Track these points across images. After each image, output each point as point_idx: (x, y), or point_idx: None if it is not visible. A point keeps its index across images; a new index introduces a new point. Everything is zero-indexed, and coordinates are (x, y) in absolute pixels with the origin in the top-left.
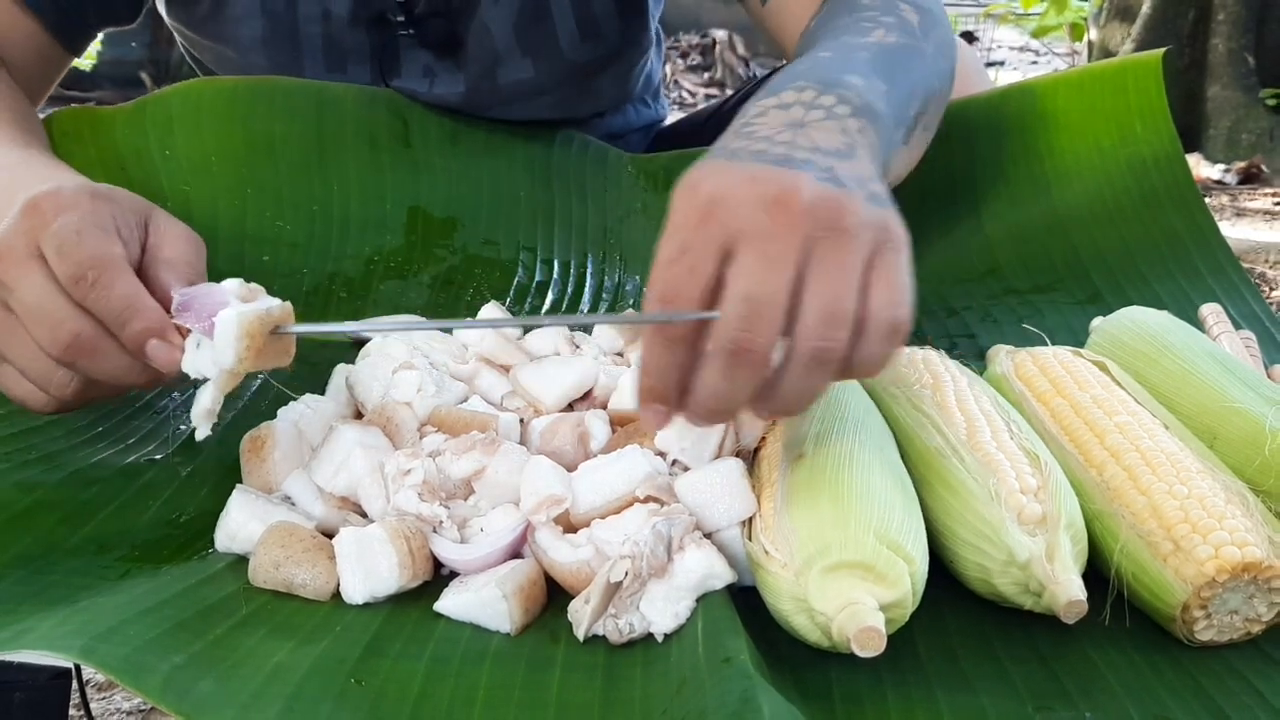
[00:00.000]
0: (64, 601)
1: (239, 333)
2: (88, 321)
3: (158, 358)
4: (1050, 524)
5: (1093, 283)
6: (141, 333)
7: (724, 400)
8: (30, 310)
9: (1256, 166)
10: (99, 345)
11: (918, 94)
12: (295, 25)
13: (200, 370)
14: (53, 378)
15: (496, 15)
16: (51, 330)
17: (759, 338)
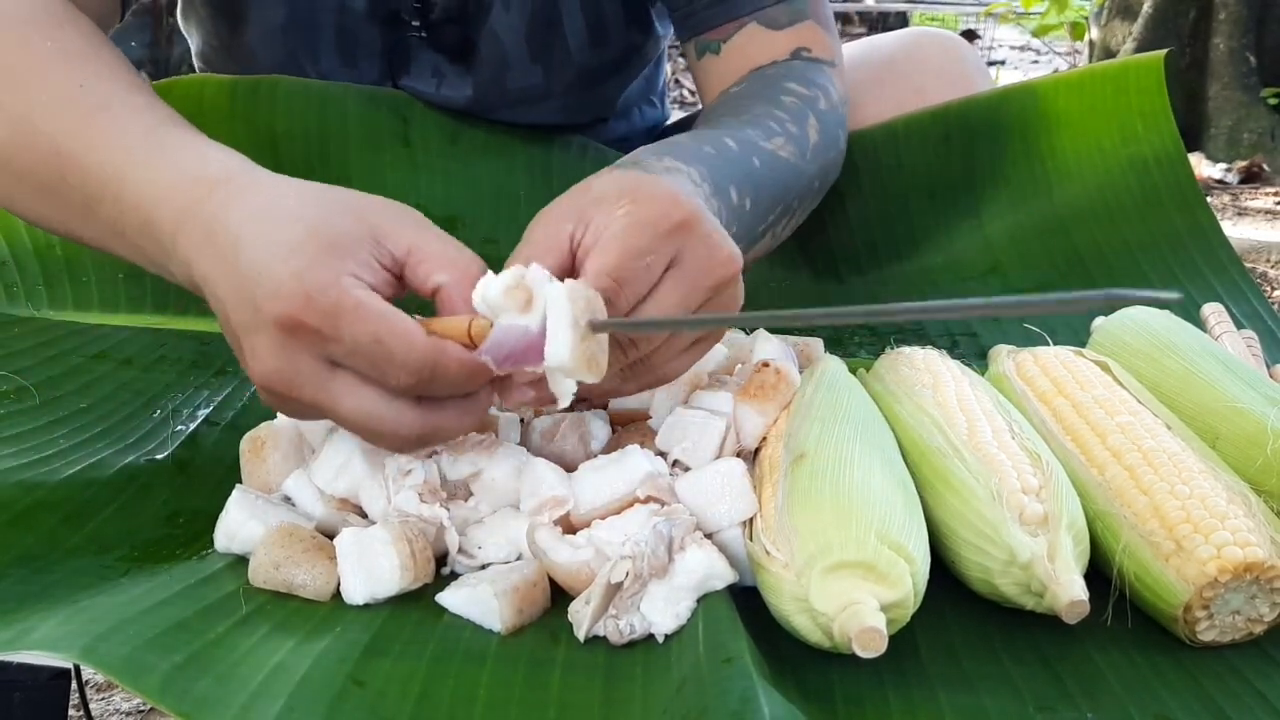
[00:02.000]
0: (64, 601)
1: (573, 338)
2: (432, 419)
3: (522, 399)
4: (1052, 524)
5: (1094, 282)
6: (477, 420)
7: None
8: (369, 421)
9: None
10: (445, 423)
11: (775, 209)
12: (313, 14)
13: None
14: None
15: (507, 23)
16: (399, 437)
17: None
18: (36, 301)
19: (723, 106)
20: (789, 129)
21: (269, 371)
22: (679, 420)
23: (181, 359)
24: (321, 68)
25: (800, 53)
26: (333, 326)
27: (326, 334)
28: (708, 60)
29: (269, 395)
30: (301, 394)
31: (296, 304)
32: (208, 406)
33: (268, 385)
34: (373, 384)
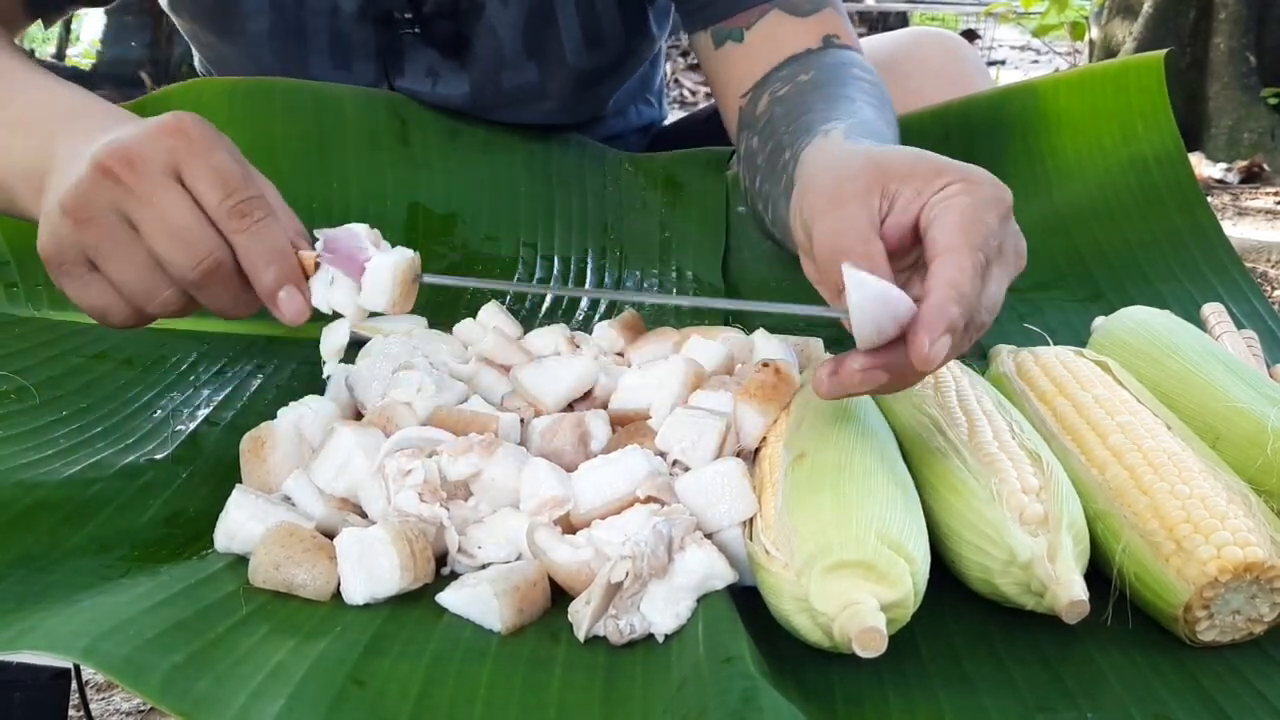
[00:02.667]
0: (65, 601)
1: (395, 278)
2: (229, 252)
3: (286, 306)
4: (1052, 524)
5: (1094, 281)
6: (280, 279)
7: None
8: (169, 228)
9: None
10: (230, 277)
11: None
12: (302, 20)
13: (333, 305)
14: (157, 295)
15: (504, 18)
16: (192, 253)
17: (980, 335)
18: (36, 301)
19: (808, 94)
20: (884, 114)
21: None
22: (679, 420)
23: (182, 359)
24: (312, 73)
25: (830, 39)
26: (206, 141)
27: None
28: (730, 49)
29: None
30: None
31: (191, 117)
32: (208, 406)
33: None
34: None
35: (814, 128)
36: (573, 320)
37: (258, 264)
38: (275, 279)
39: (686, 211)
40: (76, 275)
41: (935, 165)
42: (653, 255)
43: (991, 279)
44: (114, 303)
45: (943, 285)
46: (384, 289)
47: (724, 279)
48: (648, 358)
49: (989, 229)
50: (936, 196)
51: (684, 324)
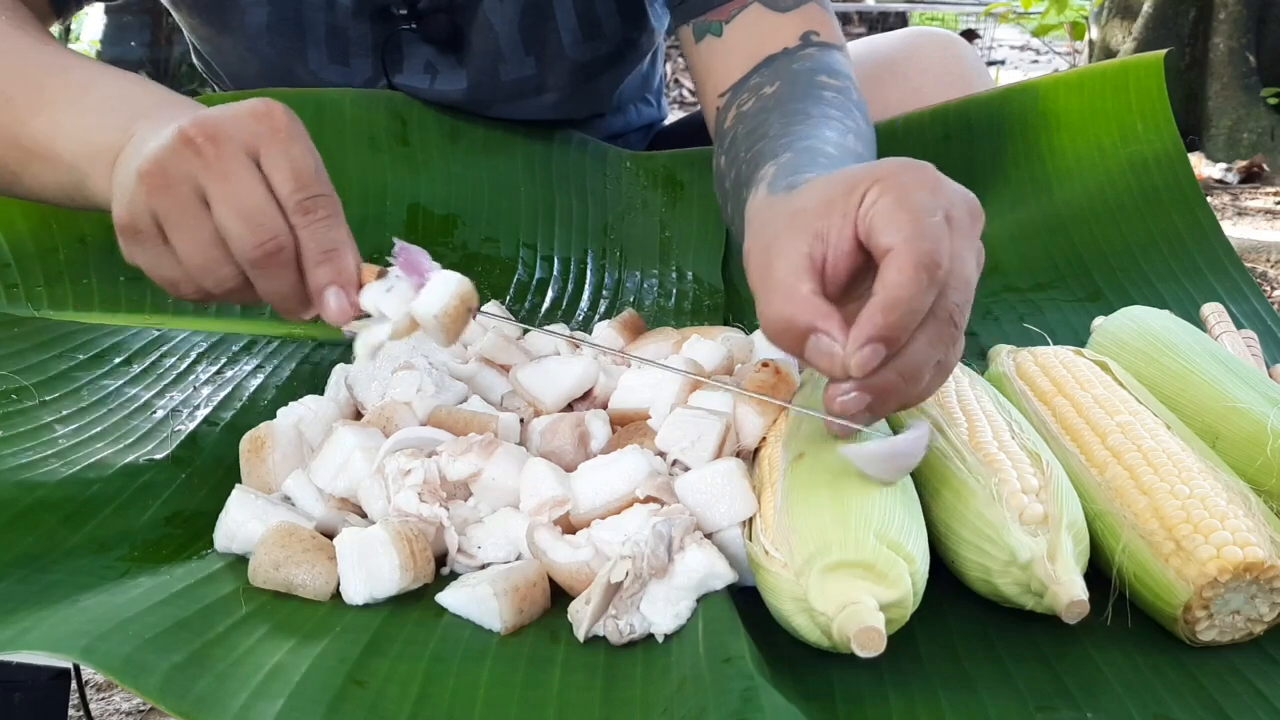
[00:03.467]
0: (64, 601)
1: (455, 292)
2: (292, 241)
3: (332, 306)
4: (1052, 524)
5: (1094, 281)
6: (331, 278)
7: (923, 365)
8: (239, 206)
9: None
10: (289, 266)
11: None
12: (300, 14)
13: (381, 308)
14: (217, 272)
15: (500, 12)
16: (255, 232)
17: (963, 321)
18: (36, 301)
19: (769, 111)
20: (846, 124)
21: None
22: (679, 420)
23: (181, 359)
24: (311, 67)
25: (809, 37)
26: (290, 131)
27: (282, 135)
28: (709, 44)
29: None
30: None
31: (282, 107)
32: (207, 406)
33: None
34: (270, 189)
35: (759, 167)
36: (573, 320)
37: (315, 258)
38: (328, 276)
39: (687, 211)
40: (149, 245)
41: (847, 182)
42: (653, 255)
43: (951, 252)
44: (182, 277)
45: (875, 296)
46: (441, 300)
47: (724, 279)
48: (647, 357)
49: (919, 212)
50: (860, 211)
51: (683, 324)
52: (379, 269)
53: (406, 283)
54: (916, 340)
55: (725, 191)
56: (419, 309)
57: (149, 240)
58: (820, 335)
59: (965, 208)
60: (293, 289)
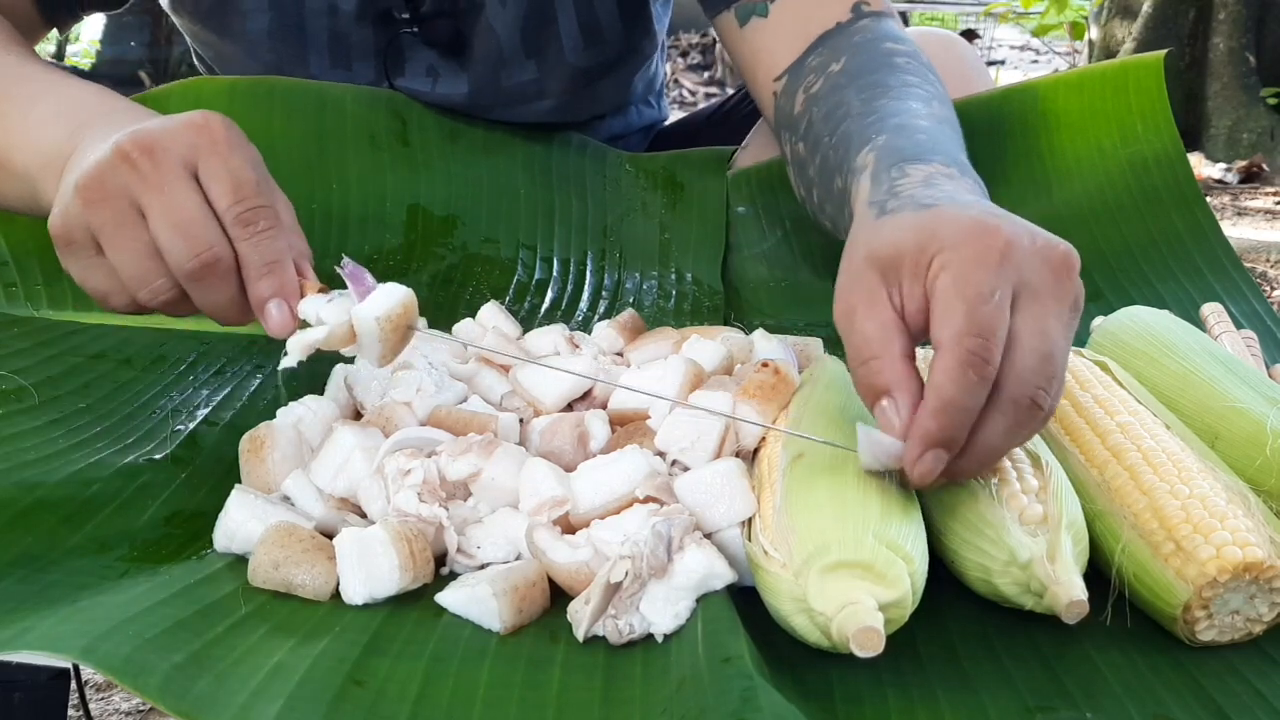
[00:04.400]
0: (64, 601)
1: (399, 300)
2: (230, 252)
3: (274, 318)
4: (1051, 524)
5: (1094, 282)
6: (272, 290)
7: (999, 452)
8: (175, 220)
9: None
10: (227, 278)
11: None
12: (302, 19)
13: (321, 316)
14: (151, 284)
15: (502, 17)
16: (190, 245)
17: (1049, 401)
18: (36, 301)
19: (843, 88)
20: (925, 89)
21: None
22: (679, 420)
23: (181, 359)
24: (313, 72)
25: (860, 7)
26: (230, 143)
27: (221, 148)
28: (755, 26)
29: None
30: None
31: (220, 118)
32: (207, 406)
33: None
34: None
35: (854, 151)
36: (572, 320)
37: (256, 271)
38: (269, 289)
39: (686, 212)
40: (82, 256)
41: (921, 239)
42: (652, 257)
43: (1016, 333)
44: (115, 289)
45: (925, 399)
46: (384, 305)
47: (723, 280)
48: (647, 358)
49: (973, 301)
50: (929, 279)
51: (683, 325)
52: (321, 286)
53: (350, 293)
54: (984, 431)
55: (810, 179)
56: (359, 313)
57: (82, 251)
58: (890, 401)
59: (1044, 270)
60: (230, 300)
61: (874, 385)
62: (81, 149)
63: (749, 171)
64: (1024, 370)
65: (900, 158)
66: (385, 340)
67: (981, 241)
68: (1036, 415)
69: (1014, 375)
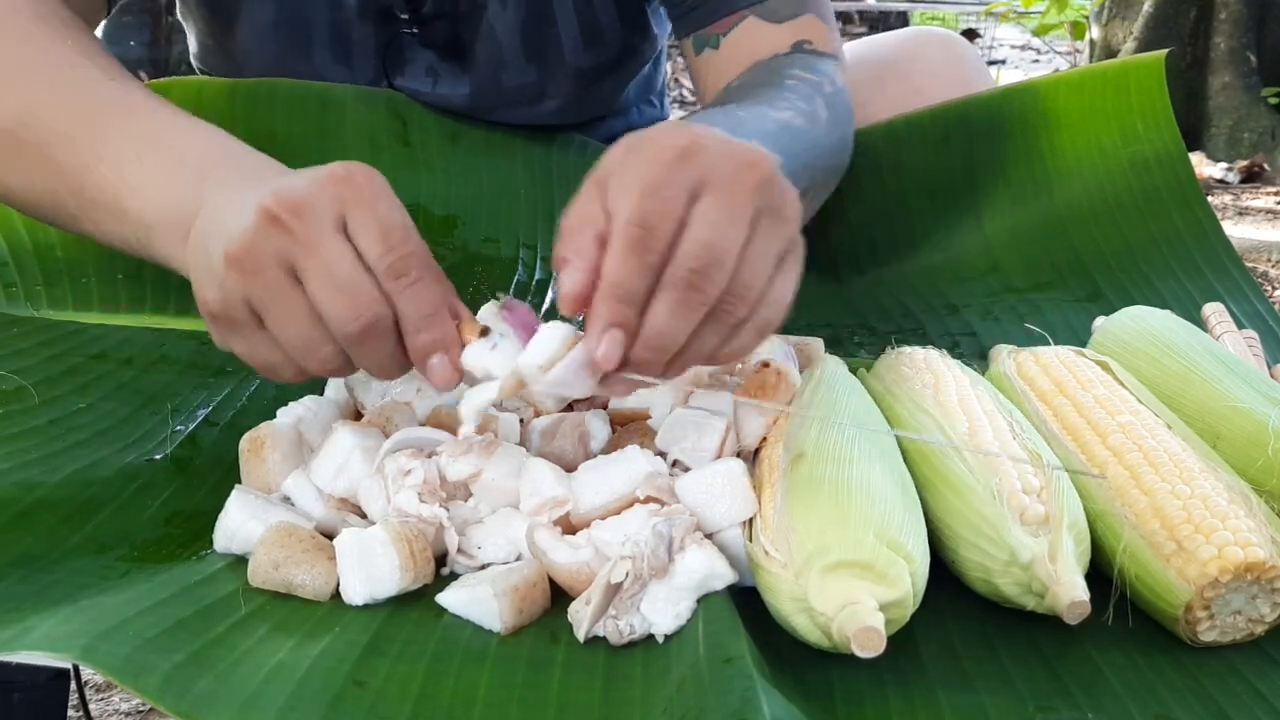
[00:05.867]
0: (64, 601)
1: (564, 341)
2: (389, 310)
3: (437, 372)
4: (1053, 524)
5: (1094, 281)
6: (433, 344)
7: (672, 335)
8: (333, 280)
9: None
10: (387, 336)
11: (805, 173)
12: (305, 13)
13: (485, 368)
14: (318, 352)
15: (503, 20)
16: (354, 309)
17: (715, 277)
18: (36, 301)
19: (725, 95)
20: (796, 104)
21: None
22: (679, 420)
23: (181, 359)
24: (315, 65)
25: (802, 45)
26: (374, 194)
27: (366, 198)
28: (707, 56)
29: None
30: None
31: (360, 168)
32: (207, 406)
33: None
34: (360, 259)
35: None
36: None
37: (413, 325)
38: (429, 343)
39: None
40: (246, 332)
41: (623, 151)
42: None
43: (700, 210)
44: (282, 361)
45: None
46: (546, 352)
47: None
48: None
49: (645, 187)
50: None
51: None
52: (481, 326)
53: (512, 339)
54: (651, 314)
55: None
56: (524, 363)
57: (246, 327)
58: (569, 268)
59: (727, 168)
60: (391, 357)
61: (559, 255)
62: (210, 209)
63: None
64: (683, 254)
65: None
66: (563, 382)
67: (662, 143)
68: (696, 298)
69: (675, 259)
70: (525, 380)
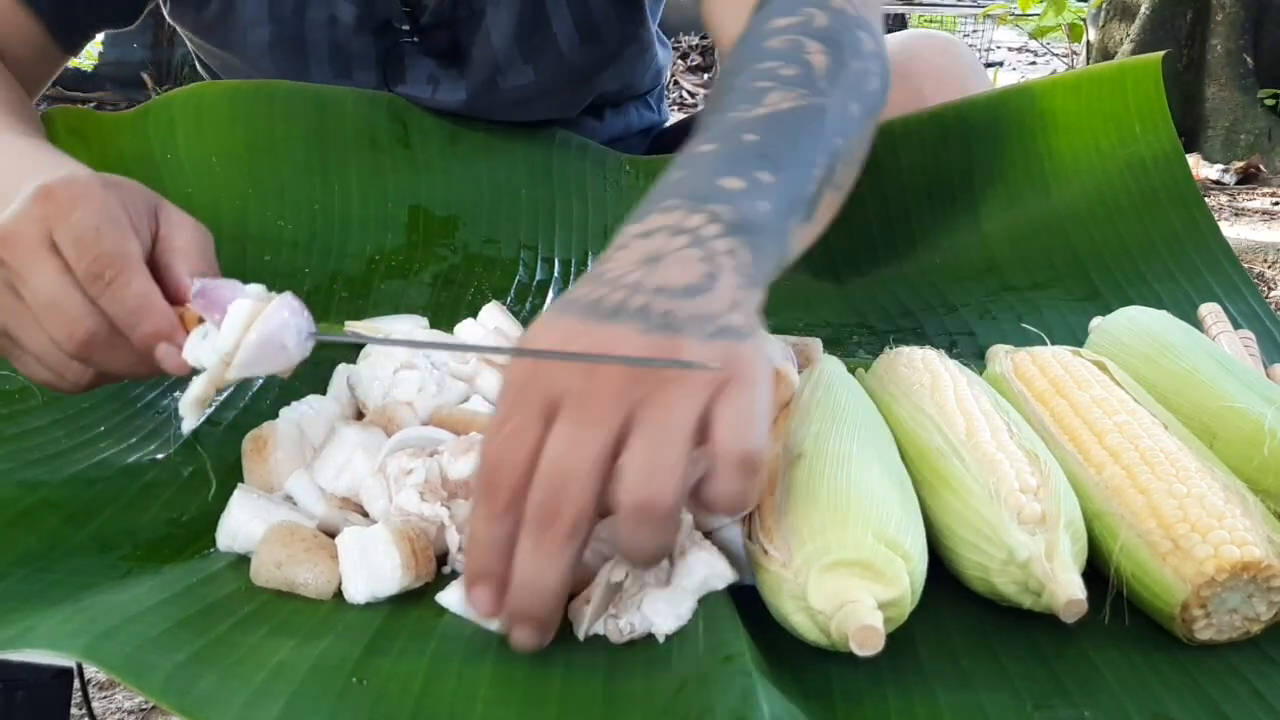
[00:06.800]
0: (67, 600)
1: (250, 317)
2: (102, 320)
3: (165, 362)
4: (1050, 523)
5: (1091, 282)
6: (151, 335)
7: (538, 578)
8: (45, 304)
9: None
10: (113, 343)
11: (819, 161)
12: (302, 31)
13: (202, 361)
14: (67, 369)
15: (498, 23)
16: (67, 327)
17: (565, 507)
18: None
19: (711, 99)
20: (781, 75)
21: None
22: None
23: None
24: (314, 82)
25: None
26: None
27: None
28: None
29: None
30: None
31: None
32: (210, 406)
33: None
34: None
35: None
36: None
37: (124, 324)
38: (145, 336)
39: None
40: (15, 354)
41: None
42: None
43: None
44: (53, 378)
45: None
46: (234, 332)
47: None
48: None
49: (491, 427)
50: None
51: None
52: (197, 315)
53: (214, 324)
54: (516, 560)
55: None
56: (219, 350)
57: (12, 348)
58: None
59: (577, 378)
60: (130, 360)
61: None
62: None
63: None
64: (535, 490)
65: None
66: (259, 358)
67: (513, 368)
68: (551, 533)
69: (530, 499)
70: (231, 364)
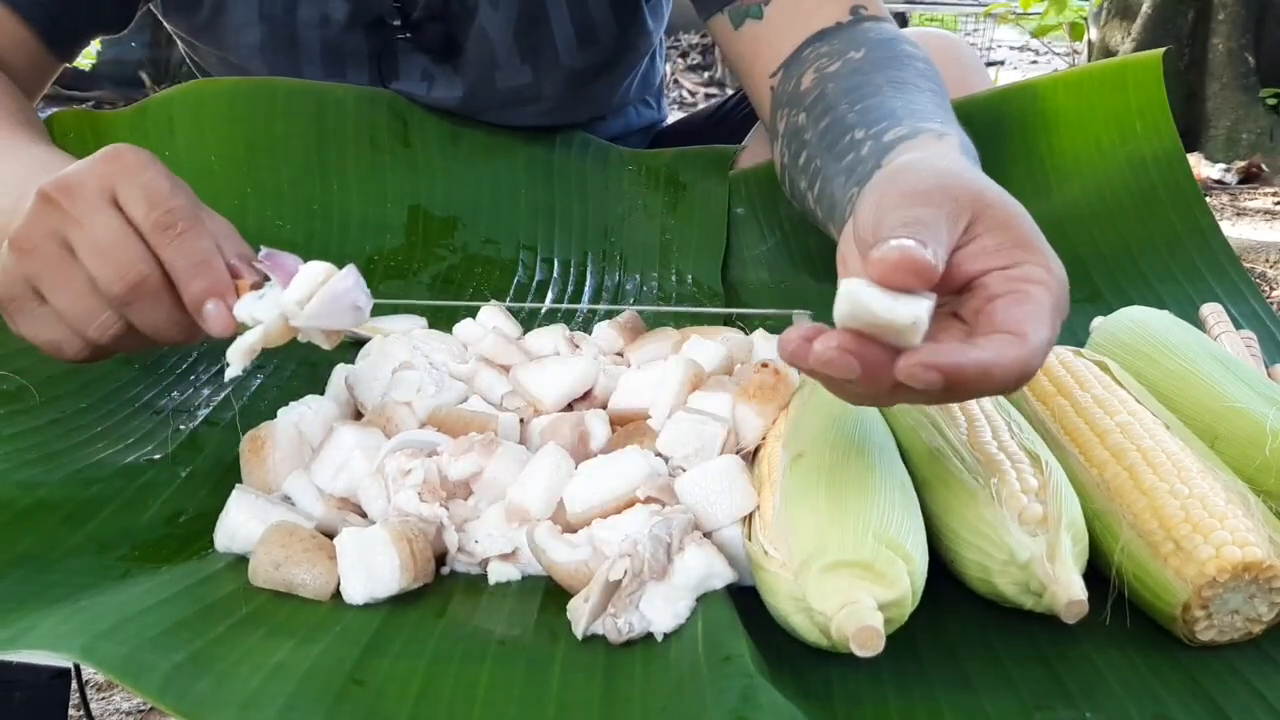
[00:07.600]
0: (65, 601)
1: (321, 278)
2: (156, 268)
3: (212, 318)
4: (1051, 524)
5: (1092, 282)
6: (206, 290)
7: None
8: (99, 246)
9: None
10: (160, 294)
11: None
12: (294, 31)
13: (255, 316)
14: (96, 319)
15: (495, 21)
16: (119, 269)
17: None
18: None
19: (867, 73)
20: (942, 103)
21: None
22: (681, 426)
23: (181, 359)
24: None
25: (859, 10)
26: (140, 163)
27: (132, 168)
28: (751, 29)
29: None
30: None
31: (128, 146)
32: (208, 407)
33: (14, 240)
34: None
35: (899, 119)
36: (573, 322)
37: (183, 275)
38: (201, 290)
39: (687, 213)
40: (28, 310)
41: (1024, 233)
42: (653, 258)
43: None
44: (65, 335)
45: (971, 350)
46: (307, 287)
47: (724, 282)
48: (647, 358)
49: (1053, 329)
50: (1015, 271)
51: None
52: (254, 281)
53: (278, 287)
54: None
55: (804, 141)
56: (286, 300)
57: (27, 305)
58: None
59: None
60: (169, 317)
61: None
62: (6, 215)
63: (748, 173)
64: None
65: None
66: (324, 316)
67: (1065, 288)
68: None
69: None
70: (288, 316)
